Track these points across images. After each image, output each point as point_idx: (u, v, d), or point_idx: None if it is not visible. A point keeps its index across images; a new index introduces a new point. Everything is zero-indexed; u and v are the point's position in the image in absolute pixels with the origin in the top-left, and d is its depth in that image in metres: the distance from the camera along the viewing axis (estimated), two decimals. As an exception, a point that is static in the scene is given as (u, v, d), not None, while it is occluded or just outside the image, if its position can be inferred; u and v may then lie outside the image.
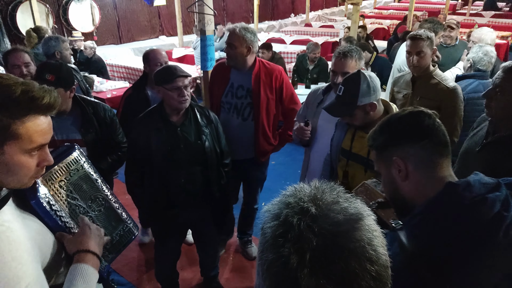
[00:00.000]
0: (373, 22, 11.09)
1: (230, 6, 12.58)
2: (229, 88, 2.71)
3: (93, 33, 8.99)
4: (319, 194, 0.61)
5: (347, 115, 1.83)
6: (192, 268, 2.99)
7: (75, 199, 1.16)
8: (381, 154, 1.08)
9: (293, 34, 10.38)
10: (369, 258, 0.55)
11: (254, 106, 2.64)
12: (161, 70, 2.19)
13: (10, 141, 0.89)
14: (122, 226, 1.32)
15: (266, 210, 0.63)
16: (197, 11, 3.12)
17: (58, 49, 3.62)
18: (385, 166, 1.07)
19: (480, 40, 3.57)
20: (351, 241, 0.55)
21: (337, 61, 2.17)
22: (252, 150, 2.76)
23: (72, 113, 2.17)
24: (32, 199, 1.05)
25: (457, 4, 15.76)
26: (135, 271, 3.03)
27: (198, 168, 2.23)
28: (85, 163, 1.23)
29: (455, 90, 2.50)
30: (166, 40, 10.23)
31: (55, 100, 0.94)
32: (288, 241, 0.55)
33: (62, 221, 1.10)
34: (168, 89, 2.07)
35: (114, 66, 7.20)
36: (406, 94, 2.71)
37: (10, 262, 0.87)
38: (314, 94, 2.41)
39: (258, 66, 2.64)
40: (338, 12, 15.69)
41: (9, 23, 7.51)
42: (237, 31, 2.53)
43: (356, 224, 0.57)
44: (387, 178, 1.07)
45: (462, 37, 5.75)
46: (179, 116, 2.19)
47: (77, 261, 1.05)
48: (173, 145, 2.14)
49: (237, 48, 2.54)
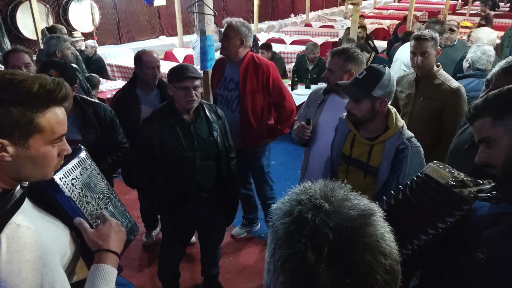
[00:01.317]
0: (373, 22, 11.09)
1: (230, 6, 12.59)
2: (223, 81, 2.88)
3: (93, 33, 8.99)
4: (329, 191, 0.62)
5: (358, 97, 1.77)
6: (192, 268, 2.99)
7: (86, 196, 1.18)
8: (502, 119, 1.07)
9: (293, 34, 10.37)
10: (382, 252, 0.56)
11: (240, 98, 2.77)
12: (175, 68, 2.21)
13: (34, 135, 0.91)
14: (126, 224, 1.34)
15: (276, 207, 0.63)
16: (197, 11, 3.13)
17: (59, 48, 3.64)
18: (505, 131, 1.07)
19: (480, 40, 3.58)
20: (365, 236, 0.57)
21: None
22: (240, 142, 2.85)
23: (72, 113, 2.18)
24: (56, 193, 1.07)
25: (457, 4, 15.76)
26: (135, 271, 3.03)
27: (211, 163, 2.28)
28: (91, 162, 1.27)
29: (459, 91, 2.50)
30: (166, 40, 10.24)
31: (69, 91, 0.98)
32: (304, 236, 0.56)
33: (83, 216, 1.13)
34: (177, 88, 2.11)
35: (114, 66, 7.20)
36: (409, 94, 2.71)
37: (42, 268, 0.88)
38: (315, 94, 2.42)
39: (247, 60, 2.77)
40: (338, 12, 15.70)
41: (9, 23, 7.52)
42: (233, 23, 2.71)
43: (369, 219, 0.58)
44: (508, 143, 1.07)
45: (462, 37, 5.75)
46: (191, 114, 2.22)
47: (98, 261, 1.06)
48: (188, 143, 2.18)
49: (231, 39, 2.70)
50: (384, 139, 1.81)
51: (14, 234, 0.88)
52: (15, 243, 0.87)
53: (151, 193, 2.33)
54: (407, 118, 2.67)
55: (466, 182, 1.16)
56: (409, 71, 2.96)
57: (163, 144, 2.16)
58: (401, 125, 1.82)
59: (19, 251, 0.87)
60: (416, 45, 2.57)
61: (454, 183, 1.17)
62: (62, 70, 2.06)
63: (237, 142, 2.81)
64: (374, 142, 1.83)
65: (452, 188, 1.16)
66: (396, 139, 1.78)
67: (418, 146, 1.79)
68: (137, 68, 2.86)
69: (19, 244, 0.87)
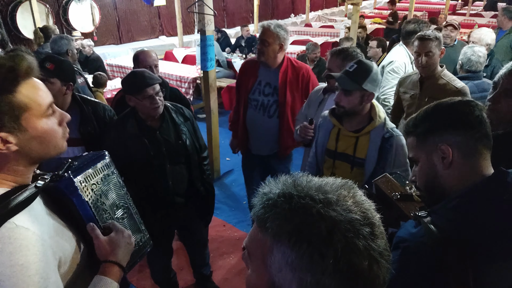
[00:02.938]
0: (373, 23, 11.08)
1: (230, 6, 12.58)
2: (257, 85, 2.76)
3: (93, 33, 8.99)
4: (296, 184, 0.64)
5: (349, 89, 1.80)
6: (191, 268, 2.99)
7: (103, 204, 1.15)
8: (424, 140, 1.07)
9: (293, 34, 10.36)
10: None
11: (280, 103, 2.69)
12: (129, 78, 2.06)
13: (23, 114, 0.89)
14: (140, 237, 1.31)
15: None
16: (197, 11, 3.13)
17: (70, 48, 3.66)
18: (426, 153, 1.06)
19: (479, 40, 3.58)
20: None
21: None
22: (276, 146, 2.83)
23: (70, 112, 2.14)
24: (73, 196, 1.05)
25: (457, 5, 15.76)
26: (136, 270, 3.03)
27: (182, 166, 2.20)
28: (115, 169, 1.24)
29: (464, 91, 2.51)
30: (166, 40, 10.25)
31: (31, 60, 0.93)
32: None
33: (97, 223, 1.11)
34: (139, 99, 1.99)
35: (114, 66, 7.20)
36: (413, 94, 2.70)
37: (34, 276, 0.84)
38: (315, 93, 2.42)
39: (286, 64, 2.68)
40: (338, 12, 15.71)
41: (9, 23, 7.52)
42: (272, 28, 2.57)
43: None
44: (427, 165, 1.06)
45: (462, 37, 5.75)
46: (156, 120, 2.11)
47: (103, 273, 1.03)
48: (155, 150, 2.08)
49: (270, 45, 2.58)
50: (369, 130, 1.86)
51: (11, 234, 0.84)
52: (11, 244, 0.83)
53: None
54: None
55: (414, 197, 1.17)
56: (412, 71, 2.95)
57: (129, 153, 2.04)
58: (384, 117, 1.88)
59: (14, 253, 0.82)
60: (420, 45, 2.56)
61: (399, 196, 1.18)
62: (58, 64, 2.03)
63: (271, 147, 2.83)
64: (360, 133, 1.88)
65: (396, 201, 1.17)
66: (381, 129, 1.85)
67: (400, 134, 1.85)
68: (135, 68, 2.86)
69: (14, 246, 0.83)
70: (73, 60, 3.80)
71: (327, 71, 2.24)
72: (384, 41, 5.08)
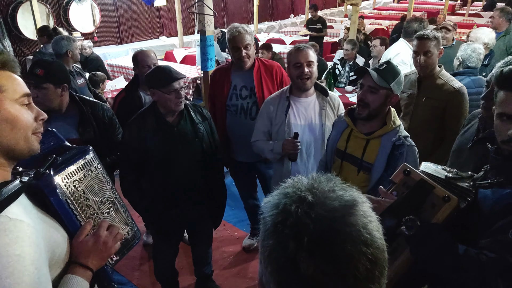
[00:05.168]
0: (372, 23, 11.10)
1: (230, 7, 12.60)
2: (233, 90, 2.72)
3: (94, 33, 9.01)
4: (316, 184, 0.64)
5: (380, 84, 1.77)
6: (192, 268, 3.00)
7: (87, 199, 1.16)
8: None
9: (293, 34, 10.39)
10: (364, 242, 0.58)
11: (258, 103, 2.66)
12: (156, 72, 2.11)
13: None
14: (127, 230, 1.32)
15: (266, 201, 0.66)
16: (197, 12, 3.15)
17: (70, 49, 3.65)
18: None
19: (477, 39, 3.60)
20: (347, 226, 0.58)
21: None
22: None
23: (69, 112, 2.16)
24: (51, 195, 1.06)
25: (456, 5, 15.77)
26: (136, 270, 3.04)
27: (197, 165, 2.23)
28: (99, 164, 1.24)
29: (462, 91, 2.51)
30: (166, 40, 10.26)
31: (6, 55, 0.97)
32: (287, 227, 0.58)
33: (78, 219, 1.12)
34: (165, 92, 2.04)
35: (114, 67, 7.22)
36: (411, 94, 2.71)
37: (29, 266, 0.86)
38: (274, 102, 2.38)
39: (257, 64, 2.69)
40: (338, 12, 15.71)
41: (9, 24, 7.53)
42: (248, 31, 2.58)
43: (351, 209, 0.60)
44: None
45: (461, 37, 5.77)
46: (175, 116, 2.16)
47: (73, 272, 1.05)
48: (172, 146, 2.12)
49: (251, 47, 2.60)
50: (381, 134, 1.83)
51: (6, 227, 0.86)
52: (6, 236, 0.85)
53: (135, 198, 2.26)
54: (409, 118, 2.67)
55: (460, 175, 1.18)
56: (411, 70, 2.97)
57: (147, 148, 2.09)
58: (399, 124, 1.84)
59: (10, 244, 0.84)
60: (419, 45, 2.56)
61: (451, 175, 1.19)
62: (47, 68, 2.00)
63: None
64: (371, 136, 1.85)
65: (450, 181, 1.18)
66: (393, 135, 1.81)
67: (413, 145, 1.81)
68: (135, 68, 2.88)
69: (10, 237, 0.85)
70: (74, 61, 3.80)
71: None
72: (386, 39, 5.10)
